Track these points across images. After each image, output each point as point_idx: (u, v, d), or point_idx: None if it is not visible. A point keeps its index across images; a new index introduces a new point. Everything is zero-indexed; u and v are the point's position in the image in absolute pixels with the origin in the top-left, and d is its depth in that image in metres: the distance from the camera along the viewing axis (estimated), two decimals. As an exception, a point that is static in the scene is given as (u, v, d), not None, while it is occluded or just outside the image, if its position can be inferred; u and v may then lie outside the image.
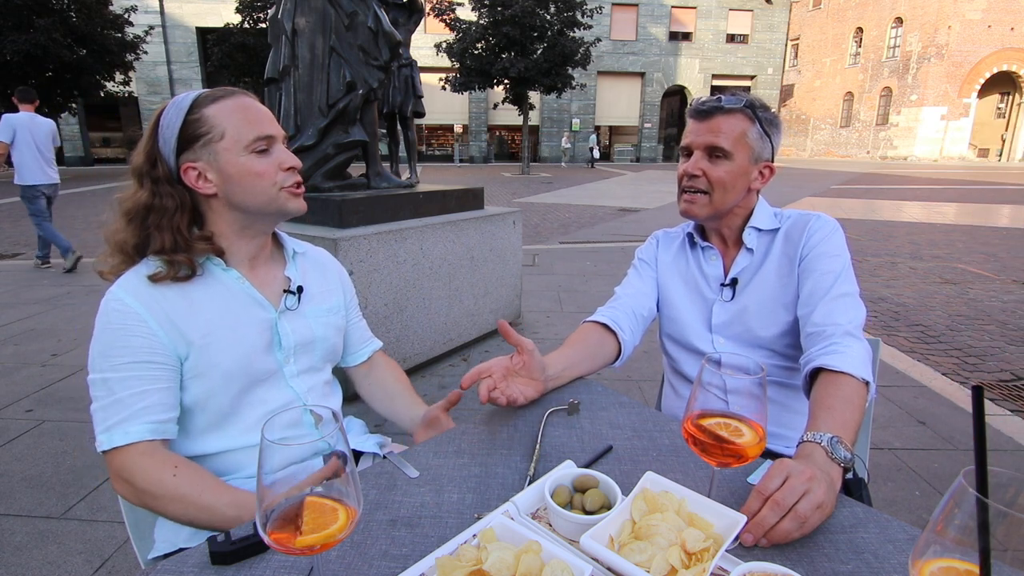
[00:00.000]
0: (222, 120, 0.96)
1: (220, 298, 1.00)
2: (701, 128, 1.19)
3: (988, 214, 11.12)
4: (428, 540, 0.74)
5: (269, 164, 0.99)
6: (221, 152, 0.97)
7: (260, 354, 1.03)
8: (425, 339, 3.26)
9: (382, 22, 3.08)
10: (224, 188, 0.99)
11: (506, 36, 19.73)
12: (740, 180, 1.19)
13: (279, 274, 1.11)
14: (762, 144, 1.19)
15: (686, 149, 1.23)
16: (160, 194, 0.97)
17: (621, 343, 1.29)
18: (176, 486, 0.89)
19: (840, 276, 1.14)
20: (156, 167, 0.97)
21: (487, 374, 1.01)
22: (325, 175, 3.19)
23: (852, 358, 1.00)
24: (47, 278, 5.49)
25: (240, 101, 0.99)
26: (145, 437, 0.91)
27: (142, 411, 0.91)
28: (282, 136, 1.03)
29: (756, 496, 0.74)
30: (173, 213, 0.97)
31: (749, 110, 1.17)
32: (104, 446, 0.90)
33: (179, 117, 0.96)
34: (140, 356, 0.92)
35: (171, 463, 0.91)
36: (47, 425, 2.64)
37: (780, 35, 32.18)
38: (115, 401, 0.91)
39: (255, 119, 0.99)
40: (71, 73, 17.76)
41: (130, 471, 0.89)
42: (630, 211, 11.09)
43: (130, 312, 0.92)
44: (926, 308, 4.74)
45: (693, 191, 1.21)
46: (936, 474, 2.31)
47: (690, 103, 1.24)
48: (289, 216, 1.06)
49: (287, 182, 1.01)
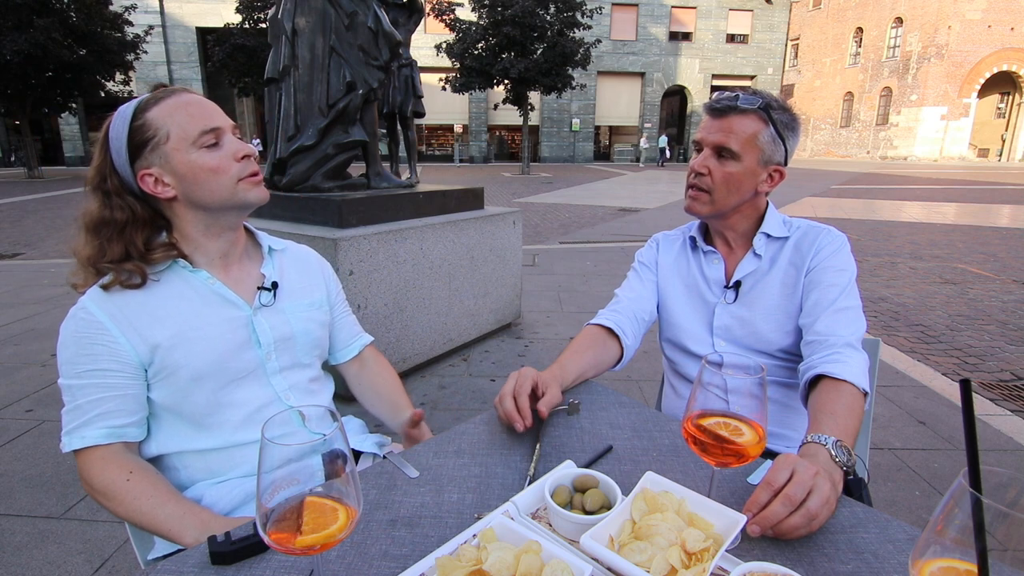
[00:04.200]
0: (165, 120, 0.95)
1: (187, 300, 1.01)
2: (714, 126, 1.18)
3: (988, 214, 11.12)
4: (428, 540, 0.74)
5: (222, 157, 0.99)
6: (171, 153, 0.96)
7: (236, 352, 1.03)
8: (425, 339, 3.26)
9: (382, 22, 3.08)
10: (182, 189, 0.98)
11: (506, 36, 19.73)
12: (746, 182, 1.18)
13: (255, 272, 1.11)
14: (774, 147, 1.17)
15: (698, 144, 1.22)
16: (111, 207, 0.97)
17: (624, 347, 1.29)
18: (127, 490, 0.92)
19: (845, 290, 1.14)
20: (106, 180, 0.98)
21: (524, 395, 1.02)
22: (325, 175, 3.19)
23: (853, 367, 1.01)
24: (47, 278, 5.49)
25: (181, 99, 0.98)
26: (100, 441, 0.94)
27: (98, 417, 0.94)
28: (231, 126, 1.02)
29: (764, 488, 0.74)
30: (123, 225, 0.97)
31: (764, 112, 1.15)
32: (65, 448, 0.95)
33: (124, 126, 0.96)
34: (100, 364, 0.94)
35: (127, 468, 0.94)
36: (47, 425, 2.64)
37: (780, 35, 32.18)
38: (76, 407, 0.95)
39: (198, 113, 0.97)
40: (71, 73, 17.75)
41: (88, 472, 0.95)
42: (630, 211, 11.09)
43: (94, 321, 0.94)
44: (926, 308, 4.73)
45: (697, 188, 1.21)
46: (936, 474, 2.31)
47: (707, 98, 1.24)
48: (251, 207, 1.05)
49: (243, 172, 1.00)
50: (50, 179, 18.63)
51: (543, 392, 1.03)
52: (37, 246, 7.37)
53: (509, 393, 1.01)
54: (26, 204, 12.05)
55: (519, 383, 1.02)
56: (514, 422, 0.97)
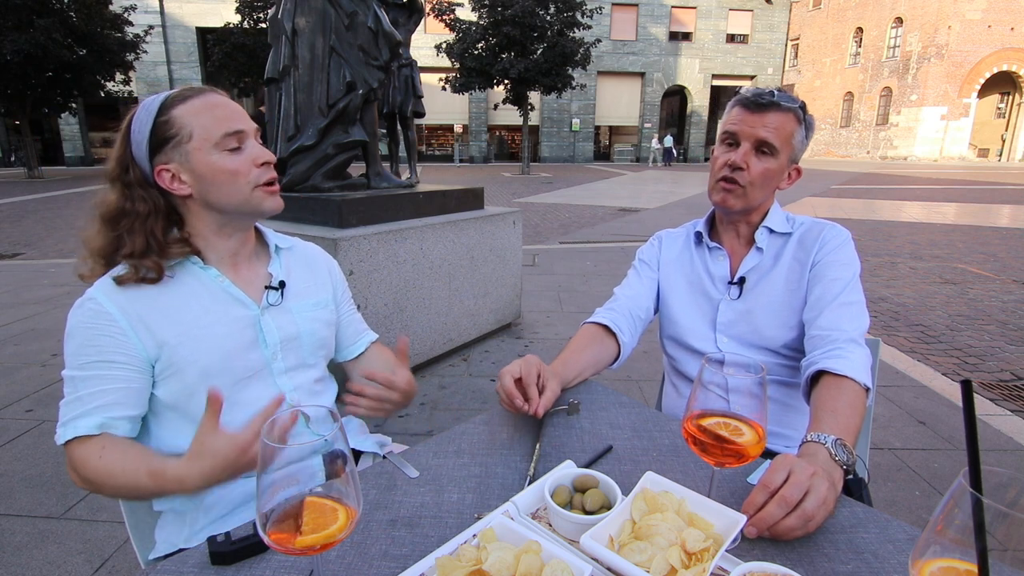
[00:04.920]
0: (190, 120, 0.96)
1: (197, 297, 1.00)
2: (754, 120, 1.16)
3: (988, 214, 11.12)
4: (428, 540, 0.74)
5: (242, 161, 0.99)
6: (192, 152, 0.96)
7: (243, 352, 1.03)
8: (425, 339, 3.26)
9: (382, 22, 3.08)
10: (198, 188, 0.99)
11: (506, 36, 19.72)
12: (776, 178, 1.20)
13: (262, 271, 1.11)
14: (801, 147, 1.20)
15: (732, 136, 1.19)
16: (133, 198, 0.97)
17: (620, 345, 1.29)
18: (104, 466, 0.90)
19: (849, 285, 1.14)
20: (128, 172, 0.98)
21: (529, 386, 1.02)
22: (325, 175, 3.19)
23: (855, 363, 1.01)
24: (47, 278, 5.49)
25: (207, 99, 0.98)
26: (91, 431, 0.92)
27: (95, 409, 0.93)
28: (254, 130, 1.02)
29: (760, 490, 0.74)
30: (146, 217, 0.97)
31: (801, 111, 1.18)
32: (59, 439, 0.93)
33: (149, 120, 0.96)
34: (106, 356, 0.93)
35: (99, 446, 0.92)
36: (47, 425, 2.64)
37: (780, 35, 32.17)
38: (76, 398, 0.93)
39: (222, 116, 0.98)
40: (71, 73, 17.75)
41: (74, 462, 0.93)
42: (630, 211, 11.09)
43: (103, 312, 0.94)
44: (926, 308, 4.73)
45: (732, 182, 1.19)
46: (936, 474, 2.31)
47: (740, 92, 1.22)
48: (265, 216, 1.05)
49: (261, 179, 1.01)
50: (50, 179, 18.62)
51: (543, 385, 1.04)
52: (37, 246, 7.37)
53: (511, 373, 1.02)
54: (26, 204, 12.04)
55: (525, 369, 1.03)
56: (513, 398, 0.98)
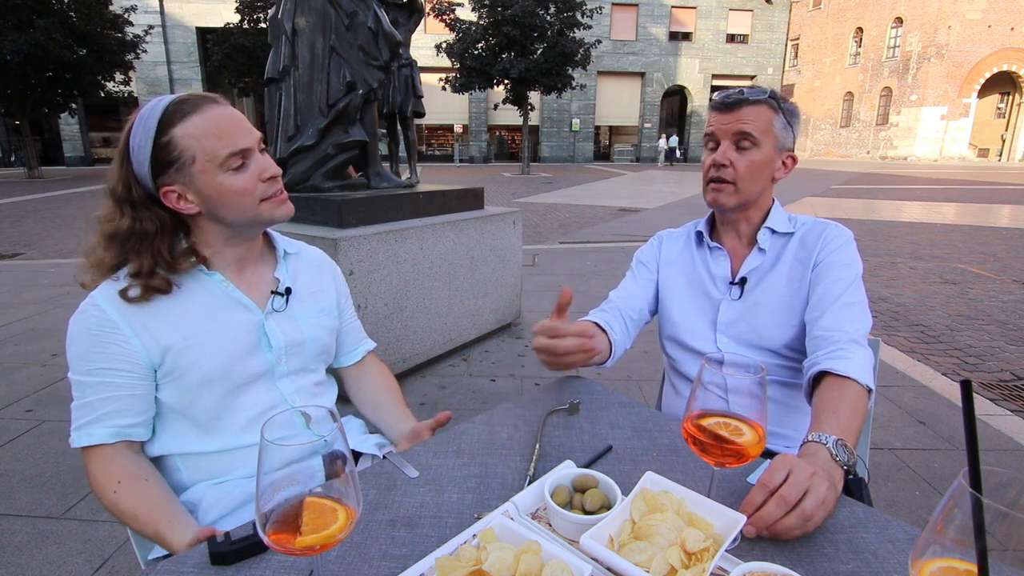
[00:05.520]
0: (192, 142, 0.93)
1: (201, 303, 1.00)
2: (728, 118, 1.19)
3: (988, 214, 11.12)
4: (428, 540, 0.74)
5: (248, 179, 0.97)
6: (196, 175, 0.94)
7: (246, 356, 1.03)
8: (425, 339, 3.26)
9: (382, 22, 3.08)
10: (206, 207, 0.98)
11: (506, 36, 19.72)
12: (766, 169, 1.21)
13: (268, 275, 1.10)
14: (785, 134, 1.20)
15: (711, 138, 1.22)
16: (140, 218, 0.95)
17: (612, 342, 1.28)
18: (114, 502, 0.93)
19: (851, 285, 1.14)
20: (132, 191, 0.96)
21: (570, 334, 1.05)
22: (325, 175, 3.19)
23: (857, 364, 1.01)
24: (47, 278, 5.49)
25: (208, 115, 0.94)
26: (106, 440, 0.95)
27: (106, 416, 0.95)
28: (258, 142, 0.99)
29: (760, 489, 0.74)
30: (154, 237, 0.96)
31: (773, 100, 1.19)
32: (74, 444, 0.95)
33: (148, 141, 0.93)
34: (112, 363, 0.94)
35: (115, 479, 0.94)
36: (47, 425, 2.64)
37: (780, 35, 32.17)
38: (85, 404, 0.95)
39: (225, 133, 0.95)
40: (71, 73, 17.75)
41: (89, 471, 0.96)
42: (630, 211, 11.09)
43: (106, 319, 0.94)
44: (926, 308, 4.73)
45: (720, 181, 1.21)
46: (936, 474, 2.31)
47: (710, 98, 1.25)
48: (276, 223, 1.05)
49: (268, 193, 1.00)
50: (50, 179, 18.62)
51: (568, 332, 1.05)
52: (37, 246, 7.38)
53: (542, 331, 1.04)
54: (26, 204, 12.03)
55: (557, 327, 1.05)
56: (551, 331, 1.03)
